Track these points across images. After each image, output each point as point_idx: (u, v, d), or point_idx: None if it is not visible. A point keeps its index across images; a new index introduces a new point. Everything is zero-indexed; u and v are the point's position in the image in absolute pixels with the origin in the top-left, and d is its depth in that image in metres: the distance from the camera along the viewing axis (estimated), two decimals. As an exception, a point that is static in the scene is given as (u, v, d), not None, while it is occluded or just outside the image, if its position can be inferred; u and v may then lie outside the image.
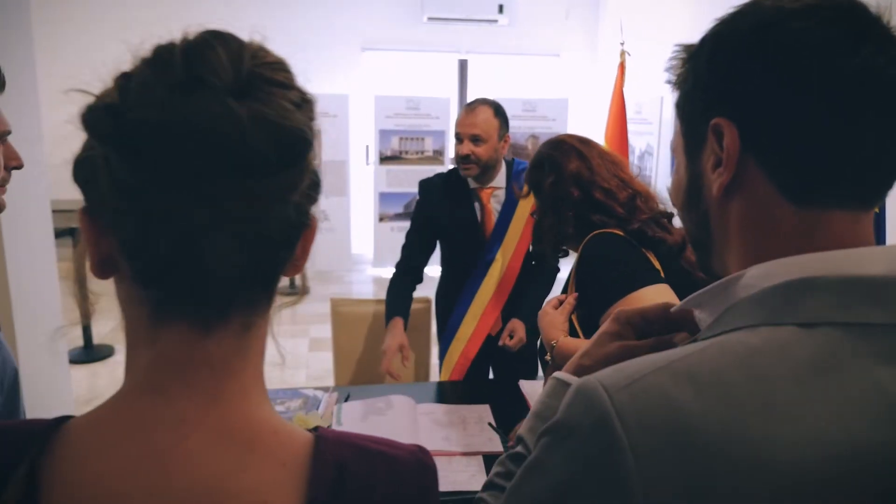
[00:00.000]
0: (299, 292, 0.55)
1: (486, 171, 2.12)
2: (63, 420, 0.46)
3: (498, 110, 2.13)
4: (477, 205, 2.18)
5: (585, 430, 0.48)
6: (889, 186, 0.53)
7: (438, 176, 2.26)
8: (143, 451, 0.43)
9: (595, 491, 0.47)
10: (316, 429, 0.49)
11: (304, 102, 0.45)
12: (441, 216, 2.19)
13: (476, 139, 2.07)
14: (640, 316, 0.70)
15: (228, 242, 0.42)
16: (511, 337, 2.09)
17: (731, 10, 0.55)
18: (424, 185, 2.26)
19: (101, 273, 0.46)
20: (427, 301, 2.42)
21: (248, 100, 0.41)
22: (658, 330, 0.69)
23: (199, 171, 0.40)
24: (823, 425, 0.45)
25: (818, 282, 0.49)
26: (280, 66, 0.45)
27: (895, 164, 0.51)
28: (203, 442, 0.44)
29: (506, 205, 2.17)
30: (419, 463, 0.51)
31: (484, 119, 2.07)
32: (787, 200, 0.51)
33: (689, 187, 0.59)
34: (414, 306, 2.25)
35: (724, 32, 0.54)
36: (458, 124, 2.11)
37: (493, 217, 2.18)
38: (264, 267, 0.45)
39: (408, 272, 2.23)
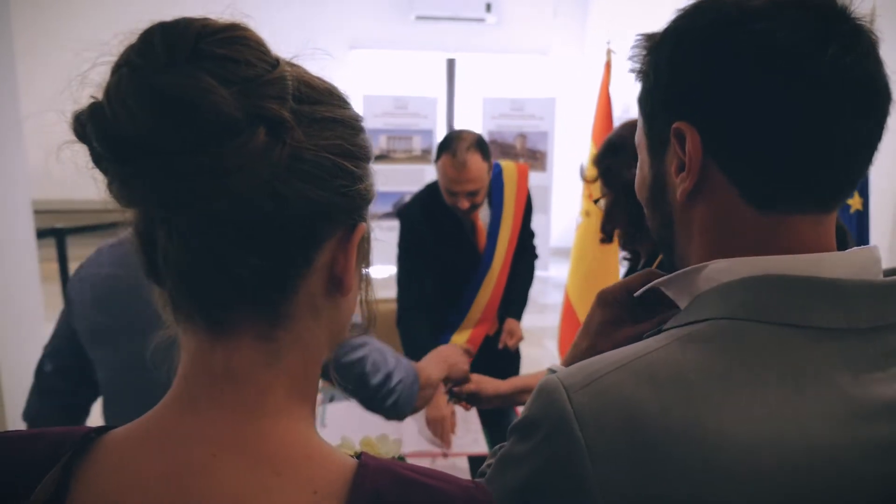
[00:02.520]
0: (364, 323, 0.52)
1: None
2: (104, 429, 0.45)
3: (483, 148, 1.96)
4: (465, 222, 2.13)
5: (546, 429, 0.48)
6: (852, 189, 0.52)
7: (416, 201, 2.12)
8: (170, 468, 0.42)
9: (557, 489, 0.48)
10: (359, 456, 0.46)
11: (255, 80, 0.40)
12: (431, 243, 2.08)
13: (473, 193, 1.96)
14: (625, 290, 0.69)
15: (170, 234, 0.40)
16: (510, 337, 2.12)
17: (691, 3, 0.53)
18: (405, 216, 2.11)
19: None
20: None
21: (170, 74, 0.38)
22: (647, 303, 0.67)
23: (108, 150, 0.39)
24: (779, 426, 0.45)
25: (780, 281, 0.49)
26: (233, 41, 0.41)
27: (860, 166, 0.50)
28: (229, 461, 0.42)
29: (493, 214, 2.15)
30: (470, 499, 0.46)
31: (476, 169, 1.92)
32: (749, 206, 0.51)
33: (653, 186, 0.58)
34: (389, 306, 2.23)
35: (685, 30, 0.53)
36: (450, 181, 1.93)
37: (484, 231, 2.15)
38: (246, 273, 0.42)
39: (416, 307, 2.07)
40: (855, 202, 2.28)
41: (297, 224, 0.43)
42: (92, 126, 0.39)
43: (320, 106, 0.44)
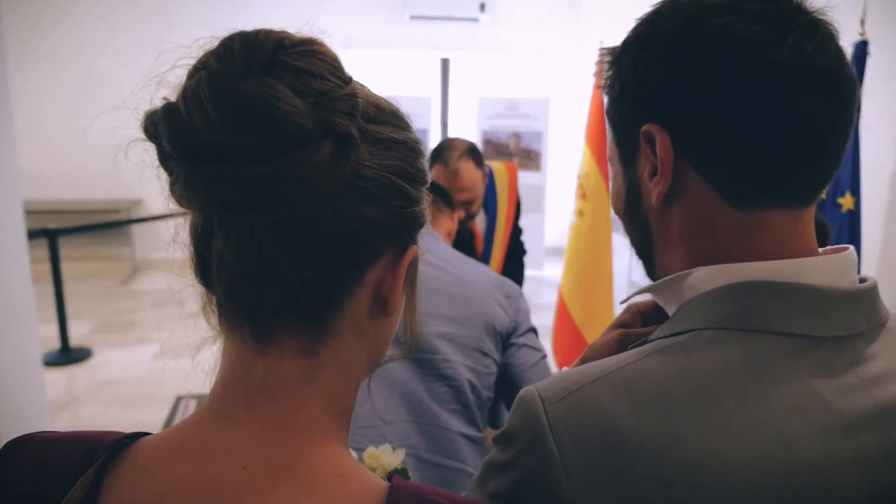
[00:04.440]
0: (406, 346, 0.52)
1: None
2: (138, 436, 0.45)
3: (475, 156, 1.92)
4: (463, 231, 2.10)
5: (523, 442, 0.48)
6: (828, 180, 0.51)
7: None
8: (201, 479, 0.42)
9: (535, 501, 0.47)
10: (391, 478, 0.45)
11: (328, 94, 0.41)
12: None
13: (468, 203, 1.92)
14: (649, 307, 0.69)
15: (227, 241, 0.41)
16: None
17: (649, 10, 0.53)
18: None
19: None
20: None
21: (248, 81, 0.39)
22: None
23: (179, 151, 0.40)
24: (762, 441, 0.44)
25: (764, 288, 0.48)
26: (309, 54, 0.42)
27: (834, 155, 0.50)
28: (261, 475, 0.41)
29: (488, 220, 2.14)
30: None
31: (469, 178, 1.88)
32: (727, 204, 0.50)
33: (629, 196, 0.57)
34: None
35: (646, 35, 0.53)
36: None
37: (482, 237, 2.14)
38: (297, 285, 0.42)
39: None
40: (847, 202, 2.29)
41: (352, 240, 0.43)
42: (164, 126, 0.40)
43: (385, 126, 0.45)
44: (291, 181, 0.39)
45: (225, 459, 0.42)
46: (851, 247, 0.52)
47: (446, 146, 1.93)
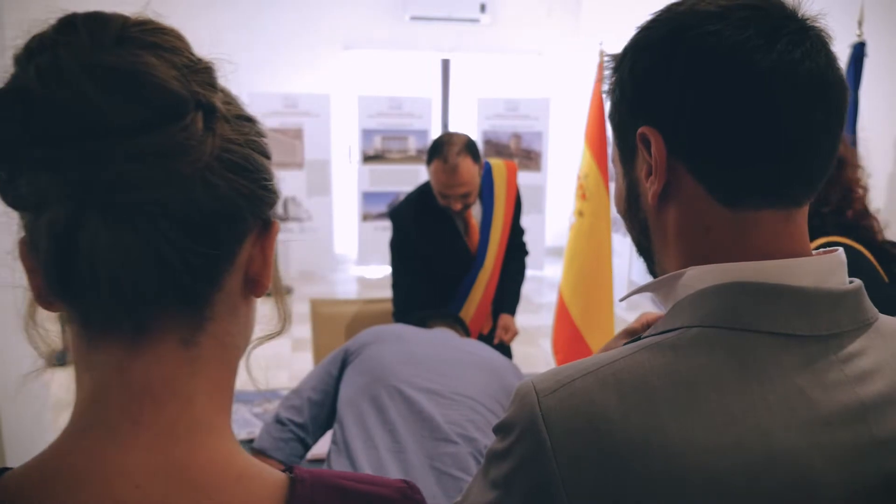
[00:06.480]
0: (280, 324, 0.51)
1: None
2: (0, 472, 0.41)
3: (472, 151, 1.99)
4: (459, 221, 2.15)
5: (518, 430, 0.51)
6: (820, 182, 0.53)
7: (408, 203, 2.15)
8: None
9: (529, 487, 0.50)
10: (291, 469, 0.44)
11: (189, 67, 0.40)
12: (423, 245, 2.11)
13: (465, 196, 2.00)
14: (657, 319, 0.72)
15: (102, 227, 0.37)
16: (505, 333, 2.15)
17: (649, 17, 0.56)
18: (396, 218, 2.15)
19: (43, 302, 0.43)
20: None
21: (112, 53, 0.37)
22: None
23: (37, 135, 0.36)
24: (742, 432, 0.46)
25: (750, 288, 0.50)
26: (159, 31, 0.40)
27: (825, 157, 0.51)
28: (155, 491, 0.39)
29: (484, 212, 2.16)
30: (405, 498, 0.47)
31: (467, 173, 1.96)
32: (719, 204, 0.52)
33: (629, 196, 0.60)
34: (383, 307, 2.25)
35: (643, 41, 0.55)
36: (442, 185, 1.98)
37: (477, 228, 2.16)
38: (179, 266, 0.40)
39: (410, 307, 2.06)
40: (845, 202, 2.30)
41: (227, 214, 0.42)
42: (12, 113, 0.36)
43: (236, 106, 0.44)
44: (175, 153, 0.38)
45: (114, 482, 0.39)
46: (840, 248, 0.53)
47: (444, 142, 1.98)
